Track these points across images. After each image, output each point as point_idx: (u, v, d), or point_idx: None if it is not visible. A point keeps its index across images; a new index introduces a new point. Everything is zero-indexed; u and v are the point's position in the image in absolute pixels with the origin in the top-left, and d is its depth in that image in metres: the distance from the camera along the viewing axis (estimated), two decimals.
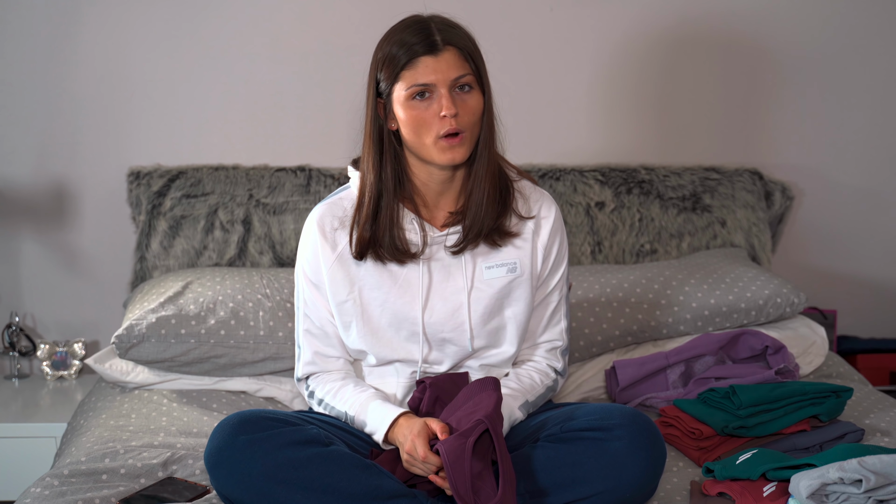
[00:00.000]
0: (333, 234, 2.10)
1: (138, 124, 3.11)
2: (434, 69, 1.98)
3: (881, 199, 3.37)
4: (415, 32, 2.00)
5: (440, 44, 1.98)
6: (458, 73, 1.99)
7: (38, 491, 1.98)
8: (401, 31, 2.02)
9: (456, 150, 2.00)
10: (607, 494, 1.89)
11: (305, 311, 2.15)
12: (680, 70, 3.25)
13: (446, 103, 1.97)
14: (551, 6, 3.16)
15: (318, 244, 2.10)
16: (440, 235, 2.09)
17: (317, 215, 2.12)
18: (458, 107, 1.98)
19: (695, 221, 3.10)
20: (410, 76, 1.99)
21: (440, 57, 1.98)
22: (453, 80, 1.99)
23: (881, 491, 1.81)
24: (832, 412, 2.25)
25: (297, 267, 2.15)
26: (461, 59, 1.99)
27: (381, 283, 2.08)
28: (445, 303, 2.09)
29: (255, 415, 1.93)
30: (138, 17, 3.06)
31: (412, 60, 1.98)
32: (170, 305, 2.58)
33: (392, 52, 2.00)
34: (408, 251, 2.07)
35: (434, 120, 1.99)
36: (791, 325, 2.77)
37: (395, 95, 2.01)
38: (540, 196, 2.16)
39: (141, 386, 2.56)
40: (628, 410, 1.95)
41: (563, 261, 2.19)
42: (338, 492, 1.86)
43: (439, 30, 2.00)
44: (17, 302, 3.15)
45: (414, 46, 1.98)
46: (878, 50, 3.30)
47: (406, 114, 2.00)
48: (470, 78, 2.01)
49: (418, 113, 1.99)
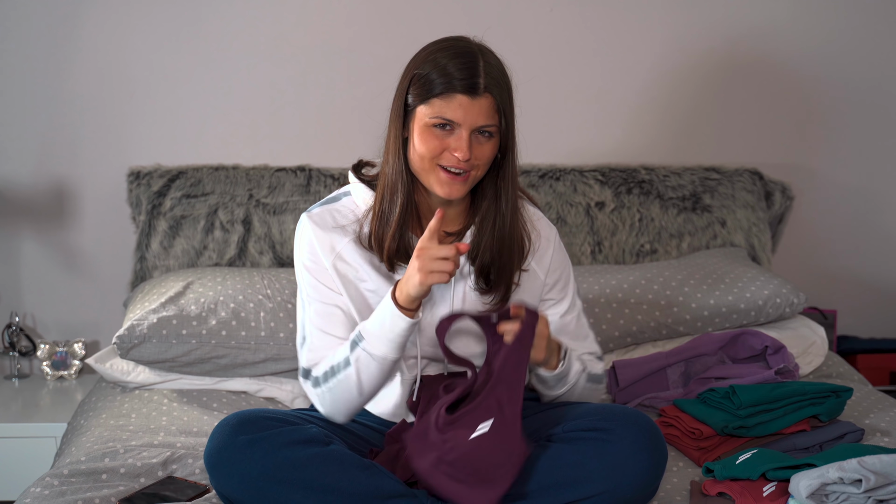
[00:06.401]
0: (331, 234, 2.08)
1: (138, 124, 3.11)
2: (466, 111, 1.94)
3: (881, 199, 3.37)
4: (460, 66, 1.94)
5: (481, 89, 1.94)
6: (486, 122, 1.96)
7: (37, 491, 1.98)
8: (446, 56, 1.96)
9: (455, 187, 1.99)
10: (608, 495, 1.89)
11: (308, 300, 2.10)
12: (680, 70, 3.25)
13: (464, 146, 1.95)
14: (551, 6, 3.17)
15: (316, 241, 2.07)
16: None
17: (312, 215, 2.10)
18: (472, 151, 1.97)
19: (695, 221, 3.10)
20: (440, 107, 1.95)
21: (475, 101, 1.94)
22: (479, 126, 1.96)
23: (881, 491, 1.82)
24: (832, 412, 2.25)
25: (297, 263, 2.11)
26: (494, 109, 1.96)
27: (379, 287, 2.07)
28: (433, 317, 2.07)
29: (255, 414, 1.93)
30: (138, 17, 3.06)
31: (448, 94, 1.94)
32: (171, 306, 2.58)
33: (431, 76, 1.95)
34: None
35: (446, 153, 1.97)
36: (791, 325, 2.77)
37: (418, 114, 1.98)
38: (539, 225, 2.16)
39: (142, 386, 2.56)
40: (630, 411, 1.95)
41: (570, 281, 2.20)
42: (338, 491, 1.86)
43: (485, 72, 1.95)
44: (17, 302, 3.15)
45: (453, 81, 1.94)
46: (878, 50, 3.30)
47: (421, 136, 1.97)
48: (494, 129, 1.98)
49: (434, 140, 1.97)
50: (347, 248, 2.08)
